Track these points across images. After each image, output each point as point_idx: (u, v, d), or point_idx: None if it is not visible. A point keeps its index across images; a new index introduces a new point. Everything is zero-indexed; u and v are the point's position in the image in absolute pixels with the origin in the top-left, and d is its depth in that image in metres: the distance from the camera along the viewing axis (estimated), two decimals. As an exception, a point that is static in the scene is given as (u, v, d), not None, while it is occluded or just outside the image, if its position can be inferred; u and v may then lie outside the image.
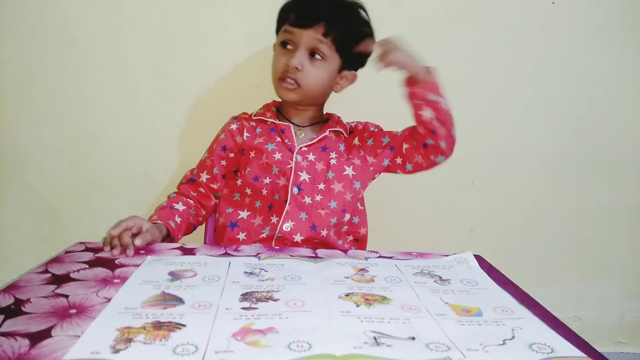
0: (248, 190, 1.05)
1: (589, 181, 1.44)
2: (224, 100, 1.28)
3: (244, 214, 1.05)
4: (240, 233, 1.04)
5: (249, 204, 1.05)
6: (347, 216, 1.07)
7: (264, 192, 1.03)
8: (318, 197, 1.03)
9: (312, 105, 1.11)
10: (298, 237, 1.01)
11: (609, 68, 1.36)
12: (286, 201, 1.02)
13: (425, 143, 1.04)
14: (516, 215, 1.44)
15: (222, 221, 1.07)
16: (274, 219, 1.02)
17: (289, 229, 1.01)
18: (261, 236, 1.02)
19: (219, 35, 1.27)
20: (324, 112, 1.16)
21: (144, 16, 1.24)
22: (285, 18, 1.04)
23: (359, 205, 1.11)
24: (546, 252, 1.48)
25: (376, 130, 1.13)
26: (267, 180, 1.03)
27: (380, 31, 1.28)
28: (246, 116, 1.13)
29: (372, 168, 1.11)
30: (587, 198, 1.45)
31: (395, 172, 1.13)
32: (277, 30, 1.08)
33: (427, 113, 0.99)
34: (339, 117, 1.16)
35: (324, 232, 1.03)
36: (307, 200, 1.03)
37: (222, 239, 1.06)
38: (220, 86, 1.30)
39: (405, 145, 1.08)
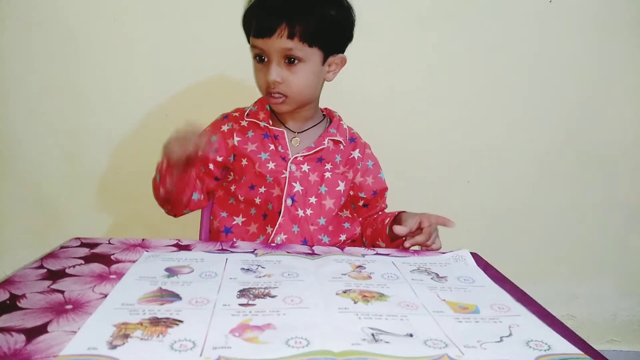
0: (242, 197, 1.03)
1: (583, 180, 1.45)
2: (221, 95, 1.28)
3: (238, 220, 1.03)
4: (234, 240, 1.02)
5: (244, 210, 1.03)
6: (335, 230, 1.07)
7: (257, 200, 1.01)
8: (309, 211, 1.02)
9: (307, 105, 1.05)
10: None
11: (605, 67, 1.38)
12: (279, 212, 1.00)
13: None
14: (511, 213, 1.46)
15: (216, 225, 1.05)
16: (269, 229, 1.00)
17: (280, 242, 0.99)
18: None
19: (216, 28, 1.27)
20: (320, 108, 1.11)
21: (139, 10, 1.24)
22: (249, 29, 0.97)
23: (343, 213, 1.10)
24: (540, 250, 1.49)
25: (372, 169, 1.12)
26: (262, 190, 1.01)
27: (379, 30, 1.29)
28: (237, 114, 1.07)
29: (352, 184, 1.09)
30: (581, 197, 1.46)
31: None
32: (248, 39, 1.01)
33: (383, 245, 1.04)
34: (339, 119, 1.09)
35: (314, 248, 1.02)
36: (300, 212, 1.01)
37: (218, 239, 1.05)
38: (217, 80, 1.29)
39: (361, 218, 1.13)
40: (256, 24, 0.94)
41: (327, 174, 1.04)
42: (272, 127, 1.03)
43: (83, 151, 1.31)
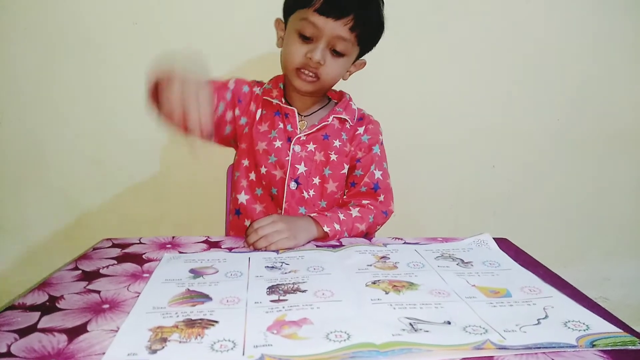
0: (237, 173, 1.03)
1: (612, 159, 1.43)
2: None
3: (242, 198, 1.02)
4: (246, 220, 1.02)
5: (247, 188, 1.02)
6: None
7: (258, 178, 1.02)
8: (311, 192, 1.02)
9: (320, 94, 1.06)
10: None
11: (633, 43, 1.35)
12: (284, 197, 1.00)
13: None
14: (539, 196, 1.43)
15: (230, 207, 1.07)
16: (279, 211, 1.01)
17: None
18: None
19: (234, 29, 1.25)
20: (331, 90, 1.10)
21: (159, 12, 1.22)
22: (308, 1, 0.91)
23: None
24: (570, 233, 1.47)
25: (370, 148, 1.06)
26: (263, 170, 1.00)
27: (400, 18, 1.26)
28: (259, 89, 1.06)
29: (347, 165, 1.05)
30: (610, 176, 1.44)
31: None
32: (291, 8, 0.97)
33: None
34: (349, 100, 1.08)
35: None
36: (305, 195, 1.01)
37: (232, 228, 1.05)
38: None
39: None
40: (325, 2, 0.89)
41: (333, 156, 1.02)
42: (283, 105, 1.02)
43: (108, 154, 1.30)
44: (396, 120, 1.21)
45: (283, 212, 0.99)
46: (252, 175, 1.02)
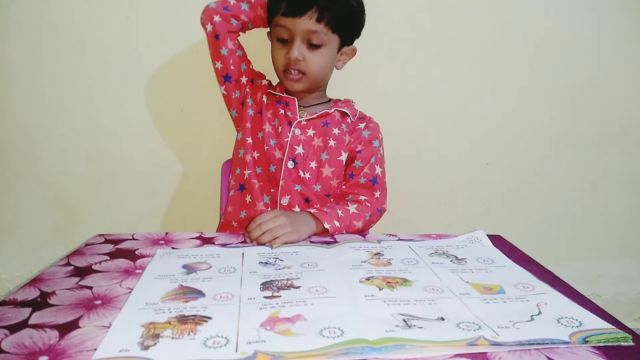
0: (241, 151, 1.07)
1: (605, 158, 1.43)
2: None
3: (247, 173, 1.06)
4: (247, 196, 1.05)
5: (251, 163, 1.06)
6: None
7: (261, 156, 1.05)
8: (307, 175, 1.04)
9: (316, 89, 1.09)
10: (297, 209, 1.03)
11: (626, 44, 1.35)
12: (281, 175, 1.03)
13: None
14: (532, 194, 1.43)
15: (232, 184, 1.09)
16: (272, 190, 1.04)
17: (286, 203, 1.03)
18: (262, 205, 1.03)
19: None
20: (334, 99, 1.15)
21: (150, 7, 1.21)
22: (276, 8, 1.00)
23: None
24: (563, 231, 1.47)
25: (370, 143, 1.08)
26: (265, 148, 1.04)
27: (392, 14, 1.26)
28: (266, 82, 1.14)
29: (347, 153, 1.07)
30: (603, 175, 1.44)
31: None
32: (270, 21, 1.06)
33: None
34: (352, 102, 1.13)
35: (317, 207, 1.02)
36: (301, 173, 1.04)
37: (232, 203, 1.08)
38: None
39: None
40: (287, 4, 0.98)
41: (331, 142, 1.05)
42: (284, 95, 1.08)
43: (101, 151, 1.30)
44: (390, 117, 1.20)
45: (280, 189, 1.02)
46: (255, 154, 1.06)
